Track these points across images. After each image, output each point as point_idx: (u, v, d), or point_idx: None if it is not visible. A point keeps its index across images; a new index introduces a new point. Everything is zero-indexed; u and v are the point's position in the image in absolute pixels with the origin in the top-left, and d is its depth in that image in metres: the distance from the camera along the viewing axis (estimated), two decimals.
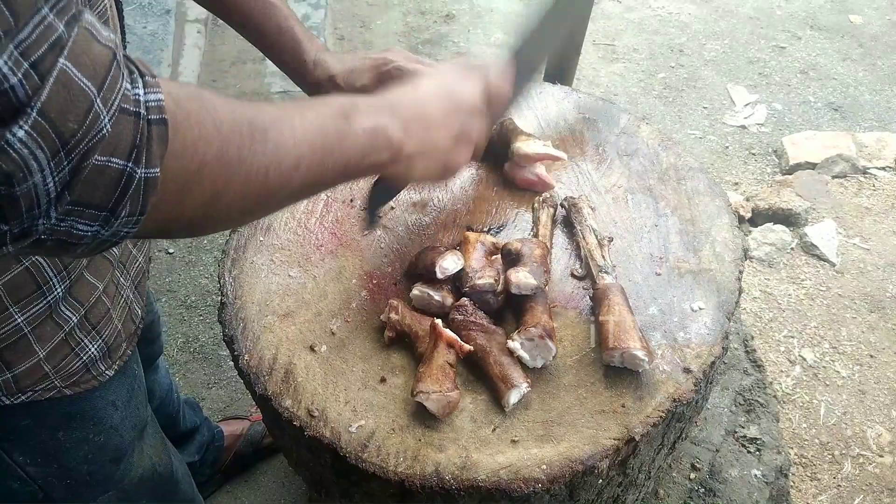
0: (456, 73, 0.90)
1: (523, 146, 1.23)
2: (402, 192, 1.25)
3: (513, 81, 0.97)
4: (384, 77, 1.08)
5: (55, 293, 0.85)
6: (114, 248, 0.96)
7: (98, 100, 0.47)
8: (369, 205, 1.05)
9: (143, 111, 0.51)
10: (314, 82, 1.11)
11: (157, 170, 0.52)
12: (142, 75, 0.53)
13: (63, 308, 0.87)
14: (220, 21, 1.12)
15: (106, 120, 0.48)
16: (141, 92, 0.51)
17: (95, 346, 0.94)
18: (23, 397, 0.88)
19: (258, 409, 2.00)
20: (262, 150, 0.63)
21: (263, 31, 1.09)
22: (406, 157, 0.81)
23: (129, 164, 0.50)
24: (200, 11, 3.45)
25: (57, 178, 0.47)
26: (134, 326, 1.04)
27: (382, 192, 1.04)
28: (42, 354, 0.87)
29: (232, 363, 1.07)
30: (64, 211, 0.49)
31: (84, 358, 0.93)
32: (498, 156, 1.28)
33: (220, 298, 1.13)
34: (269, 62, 1.17)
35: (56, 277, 0.84)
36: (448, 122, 0.85)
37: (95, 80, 0.47)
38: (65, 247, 0.53)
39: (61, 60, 0.45)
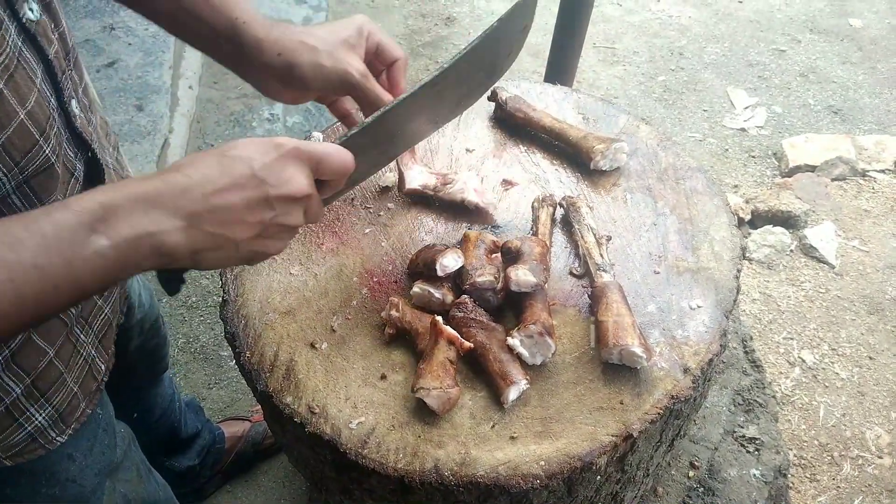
0: (274, 150, 0.72)
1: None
2: (401, 191, 1.25)
3: (359, 154, 0.82)
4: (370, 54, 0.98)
5: None
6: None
7: None
8: (159, 274, 0.81)
9: None
10: (244, 46, 0.93)
11: None
12: None
13: (4, 378, 0.80)
14: None
15: None
16: None
17: (43, 415, 0.86)
18: None
19: (259, 410, 2.01)
20: None
21: None
22: (190, 255, 0.68)
23: None
24: None
25: None
26: (96, 384, 0.97)
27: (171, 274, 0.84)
28: None
29: (232, 363, 1.07)
30: None
31: (29, 428, 0.85)
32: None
33: (221, 296, 1.14)
34: None
35: None
36: (253, 213, 0.70)
37: None
38: None
39: None
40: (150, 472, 1.25)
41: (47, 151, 0.76)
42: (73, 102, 0.83)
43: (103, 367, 0.99)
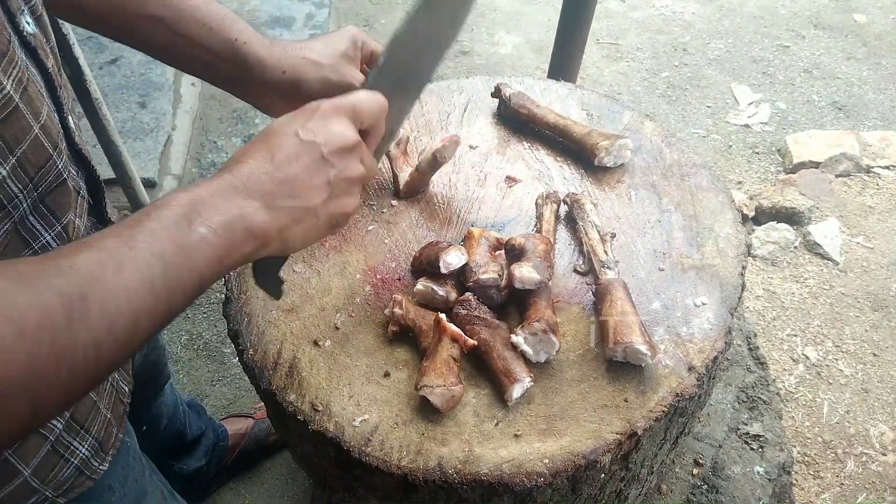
0: (310, 113, 0.76)
1: None
2: (400, 196, 1.25)
3: (386, 97, 0.83)
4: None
5: None
6: None
7: None
8: (258, 279, 0.86)
9: None
10: (241, 64, 0.95)
11: None
12: None
13: None
14: None
15: None
16: None
17: (86, 446, 0.86)
18: None
19: (262, 407, 2.01)
20: (86, 327, 0.53)
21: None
22: (279, 235, 0.71)
23: None
24: None
25: None
26: (123, 407, 0.97)
27: (268, 265, 0.87)
28: (28, 472, 0.79)
29: (236, 360, 1.07)
30: None
31: (75, 462, 0.85)
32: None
33: (224, 293, 1.14)
34: None
35: None
36: (317, 175, 0.73)
37: None
38: None
39: None
40: (172, 494, 1.25)
41: (60, 166, 0.75)
42: (70, 118, 0.82)
43: (126, 389, 0.99)
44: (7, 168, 0.66)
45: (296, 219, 0.71)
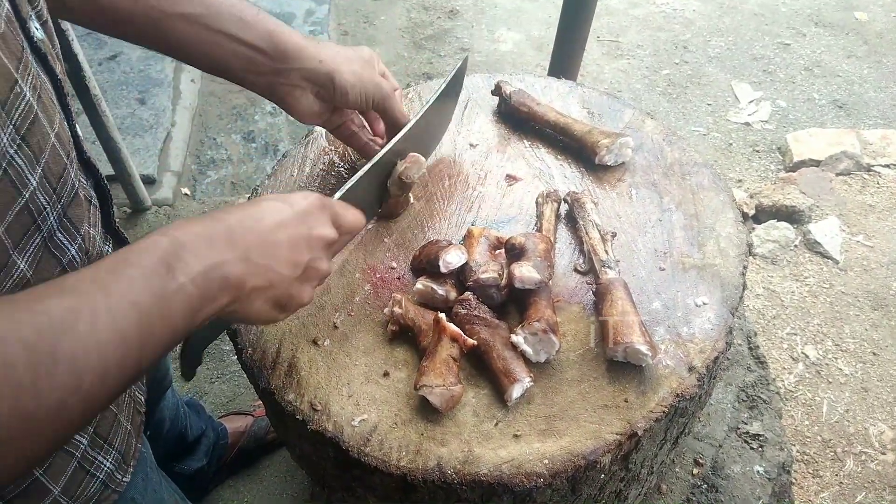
0: (302, 198, 0.77)
1: None
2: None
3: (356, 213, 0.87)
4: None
5: None
6: None
7: None
8: (183, 349, 0.84)
9: None
10: (278, 61, 0.96)
11: None
12: None
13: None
14: None
15: None
16: None
17: (110, 460, 0.86)
18: None
19: (261, 405, 2.00)
20: (51, 386, 0.49)
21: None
22: (246, 293, 0.68)
23: None
24: None
25: None
26: (140, 417, 0.97)
27: (199, 340, 0.88)
28: (57, 490, 0.78)
29: (235, 357, 1.07)
30: None
31: (101, 476, 0.85)
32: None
33: None
34: None
35: None
36: (297, 251, 0.73)
37: None
38: None
39: None
40: (184, 500, 1.25)
41: (73, 176, 0.74)
42: (77, 126, 0.81)
43: (143, 399, 0.99)
44: (36, 179, 0.65)
45: (265, 281, 0.70)
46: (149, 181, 2.77)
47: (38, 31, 0.71)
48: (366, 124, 1.19)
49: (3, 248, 0.63)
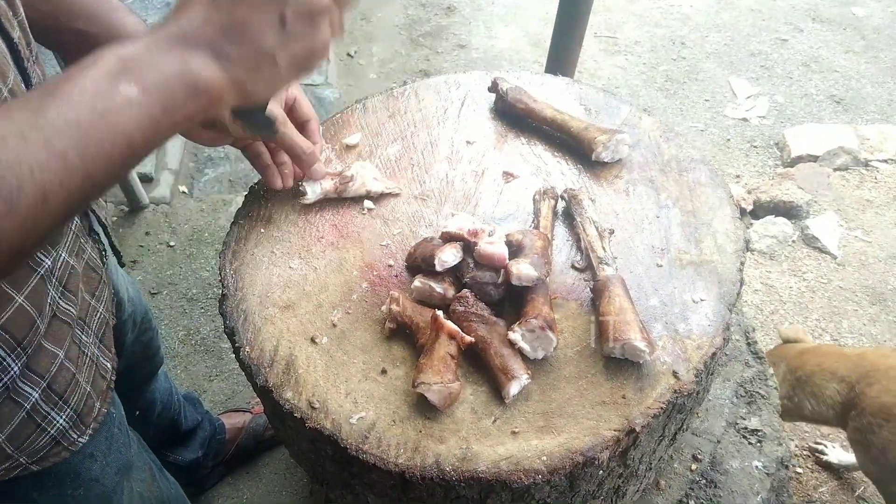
0: None
1: None
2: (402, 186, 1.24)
3: None
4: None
5: (11, 372, 0.78)
6: (69, 306, 0.88)
7: None
8: (248, 127, 0.83)
9: None
10: None
11: None
12: None
13: (21, 385, 0.80)
14: None
15: None
16: None
17: (64, 417, 0.87)
18: None
19: (259, 402, 2.01)
20: None
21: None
22: (233, 88, 0.64)
23: None
24: None
25: None
26: (105, 382, 0.98)
27: (251, 111, 0.84)
28: (2, 437, 0.79)
29: (233, 355, 1.07)
30: None
31: (52, 432, 0.86)
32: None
33: (221, 290, 1.13)
34: None
35: (10, 356, 0.77)
36: (265, 12, 0.63)
37: None
38: None
39: None
40: (161, 471, 1.26)
41: None
42: None
43: (109, 366, 0.99)
44: None
45: (250, 67, 0.64)
46: (146, 179, 2.76)
47: None
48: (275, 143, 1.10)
49: None
